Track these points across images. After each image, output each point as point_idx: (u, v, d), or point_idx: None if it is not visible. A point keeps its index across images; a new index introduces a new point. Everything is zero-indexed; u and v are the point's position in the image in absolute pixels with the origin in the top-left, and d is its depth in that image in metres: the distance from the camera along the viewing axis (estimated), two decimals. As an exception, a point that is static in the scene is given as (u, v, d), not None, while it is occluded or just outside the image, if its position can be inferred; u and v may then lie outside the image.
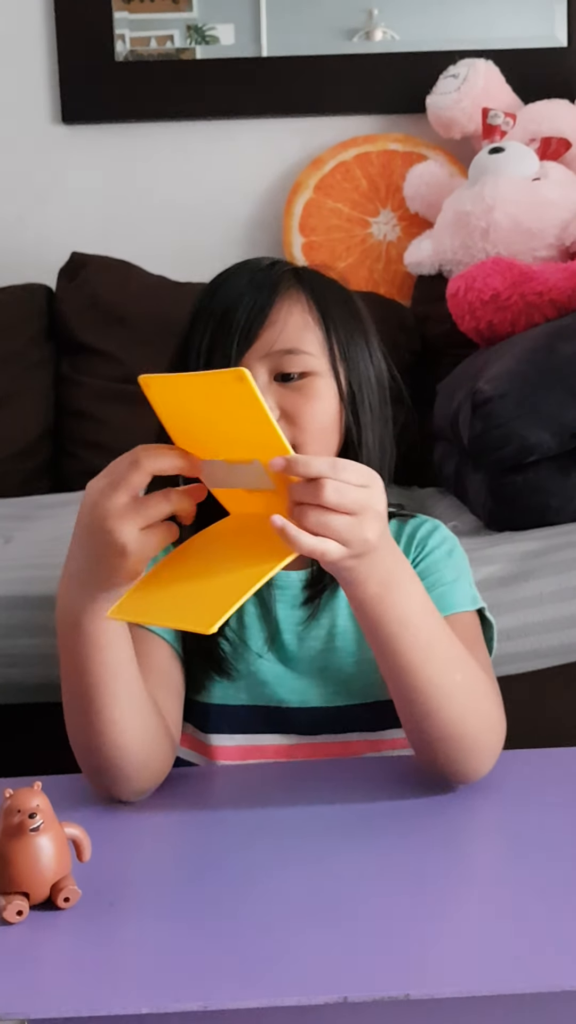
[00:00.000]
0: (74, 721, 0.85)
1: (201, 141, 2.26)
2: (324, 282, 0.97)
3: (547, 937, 0.66)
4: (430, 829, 0.82)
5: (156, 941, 0.68)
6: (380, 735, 0.98)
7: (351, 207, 2.21)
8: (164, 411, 0.77)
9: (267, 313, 0.90)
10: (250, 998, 0.61)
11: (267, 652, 0.97)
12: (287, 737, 0.97)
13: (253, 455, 0.74)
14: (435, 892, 0.73)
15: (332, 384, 0.92)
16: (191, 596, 0.75)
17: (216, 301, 0.92)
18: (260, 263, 0.96)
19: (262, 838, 0.81)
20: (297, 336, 0.91)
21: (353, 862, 0.77)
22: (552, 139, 2.06)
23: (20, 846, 0.69)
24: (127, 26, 2.22)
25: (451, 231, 2.02)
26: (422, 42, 2.22)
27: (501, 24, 2.22)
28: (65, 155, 2.26)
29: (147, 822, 0.85)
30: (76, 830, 0.72)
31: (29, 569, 1.37)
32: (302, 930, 0.68)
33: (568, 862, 0.76)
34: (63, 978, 0.66)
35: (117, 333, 2.04)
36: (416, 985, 0.62)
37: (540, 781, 0.89)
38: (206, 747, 0.98)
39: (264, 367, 0.90)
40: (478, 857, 0.78)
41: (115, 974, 0.65)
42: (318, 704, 0.97)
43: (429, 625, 0.82)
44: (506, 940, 0.66)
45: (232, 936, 0.67)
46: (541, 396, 1.45)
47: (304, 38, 2.22)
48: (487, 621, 0.98)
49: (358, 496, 0.72)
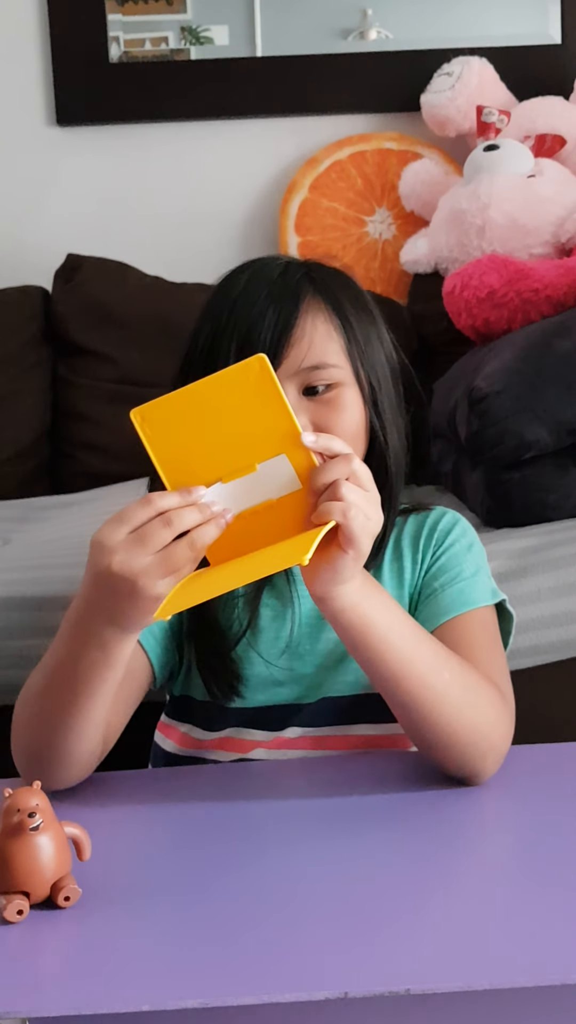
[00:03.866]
0: (44, 706, 0.85)
1: (196, 142, 2.26)
2: (336, 280, 0.96)
3: (548, 931, 0.66)
4: (430, 824, 0.82)
5: (156, 939, 0.68)
6: (386, 728, 0.98)
7: (347, 206, 2.22)
8: (162, 445, 0.77)
9: (292, 330, 0.90)
10: (250, 995, 0.61)
11: (279, 658, 0.96)
12: (295, 730, 0.97)
13: (275, 451, 0.75)
14: (435, 887, 0.73)
15: (356, 390, 0.93)
16: (245, 563, 0.76)
17: (236, 317, 0.91)
18: (271, 270, 0.94)
19: (262, 835, 0.81)
20: (323, 350, 0.91)
21: (353, 857, 0.77)
22: (547, 136, 2.06)
23: (20, 845, 0.69)
24: (121, 28, 2.22)
25: (447, 229, 2.02)
26: (416, 41, 2.21)
27: (495, 22, 2.22)
28: (60, 157, 2.26)
29: (147, 820, 0.85)
30: (76, 829, 0.73)
31: (27, 571, 1.37)
32: (302, 926, 0.68)
33: (568, 856, 0.76)
34: (63, 977, 0.66)
35: (114, 334, 2.04)
36: (417, 980, 0.62)
37: (539, 776, 0.89)
38: (203, 742, 0.98)
39: (293, 384, 0.90)
40: (478, 851, 0.78)
41: (115, 972, 0.65)
42: (332, 694, 0.97)
43: (409, 628, 0.85)
44: (507, 934, 0.66)
45: (232, 933, 0.67)
46: (538, 393, 1.45)
47: (298, 38, 2.22)
48: (506, 612, 0.98)
49: (371, 485, 0.78)
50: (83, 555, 0.79)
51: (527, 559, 1.35)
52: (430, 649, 0.86)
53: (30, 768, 0.87)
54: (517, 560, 1.35)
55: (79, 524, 1.63)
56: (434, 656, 0.85)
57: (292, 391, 0.89)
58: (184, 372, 0.93)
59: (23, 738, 0.88)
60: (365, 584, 0.82)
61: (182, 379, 0.93)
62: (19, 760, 0.88)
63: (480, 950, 0.65)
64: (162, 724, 1.03)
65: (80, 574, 0.80)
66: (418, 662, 0.84)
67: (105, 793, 0.89)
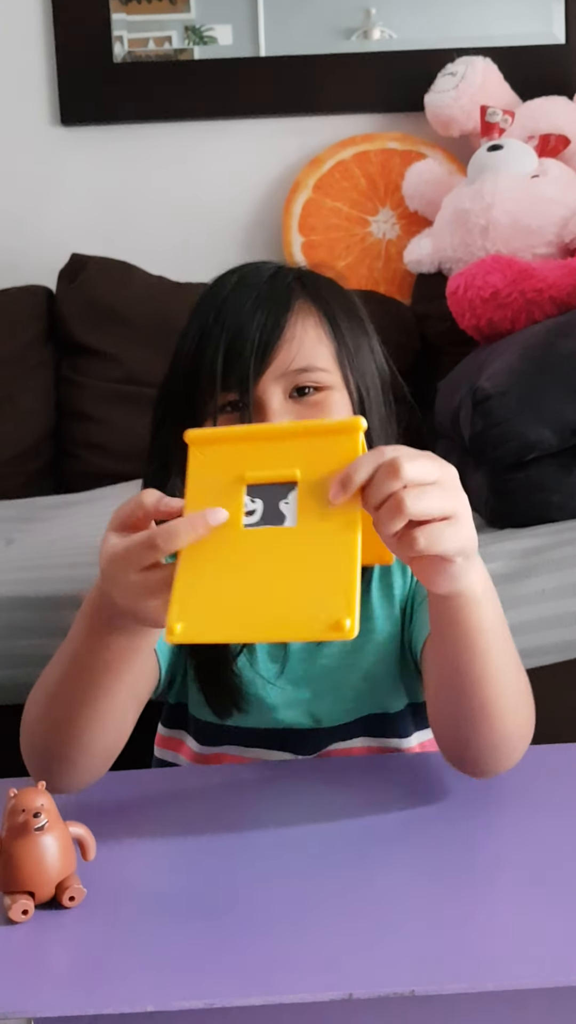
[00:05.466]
0: (59, 700, 0.82)
1: (200, 141, 2.26)
2: (328, 288, 0.95)
3: (553, 933, 0.66)
4: (433, 825, 0.81)
5: (161, 939, 0.68)
6: (382, 742, 0.98)
7: (350, 206, 2.21)
8: (204, 469, 0.71)
9: (281, 332, 0.88)
10: (255, 996, 0.61)
11: (278, 678, 0.95)
12: (292, 754, 0.97)
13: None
14: (439, 888, 0.73)
15: (345, 396, 0.91)
16: (273, 596, 0.67)
17: (224, 320, 0.89)
18: (261, 273, 0.93)
19: (266, 836, 0.81)
20: (312, 353, 0.89)
21: (357, 858, 0.77)
22: (551, 136, 2.06)
23: (25, 845, 0.69)
24: (125, 27, 2.22)
25: (450, 229, 2.02)
26: (420, 41, 2.21)
27: (499, 22, 2.21)
28: (64, 157, 2.26)
29: (151, 820, 0.85)
30: (81, 829, 0.72)
31: (31, 571, 1.37)
32: (307, 927, 0.68)
33: (572, 857, 0.75)
34: (68, 977, 0.66)
35: (117, 334, 2.04)
36: (421, 981, 0.62)
37: (544, 777, 0.89)
38: (205, 757, 0.98)
39: (279, 386, 0.88)
40: (482, 852, 0.78)
41: (120, 972, 0.65)
42: (327, 724, 0.96)
43: (504, 633, 0.79)
44: (512, 936, 0.66)
45: (237, 934, 0.67)
46: (541, 393, 1.45)
47: (302, 38, 2.22)
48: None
49: (433, 471, 0.70)
50: (86, 555, 0.79)
51: (531, 559, 1.35)
52: (513, 655, 0.80)
53: (41, 769, 0.84)
54: (521, 560, 1.35)
55: (82, 524, 1.63)
56: (514, 660, 0.80)
57: (278, 393, 0.88)
58: (172, 372, 0.92)
59: (34, 737, 0.85)
60: (485, 579, 0.75)
61: (171, 381, 0.93)
62: (30, 760, 0.85)
63: (485, 951, 0.65)
64: (160, 737, 1.03)
65: (83, 574, 0.80)
66: (503, 668, 0.78)
67: (110, 793, 0.89)
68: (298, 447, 0.70)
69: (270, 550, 0.68)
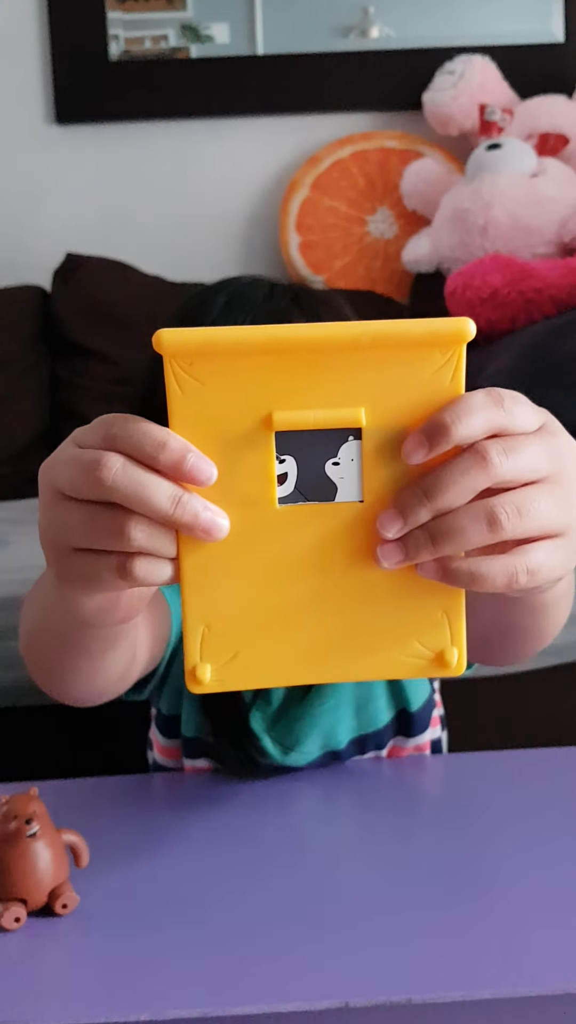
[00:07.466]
0: (47, 649, 0.69)
1: (196, 140, 2.26)
2: (323, 306, 0.89)
3: (551, 940, 0.66)
4: (431, 832, 0.81)
5: (155, 948, 0.67)
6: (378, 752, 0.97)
7: (348, 205, 2.21)
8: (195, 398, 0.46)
9: None
10: (250, 1004, 0.61)
11: (267, 732, 0.92)
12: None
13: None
14: (437, 896, 0.72)
15: None
16: (332, 614, 0.48)
17: None
18: (254, 292, 0.87)
19: (262, 842, 0.80)
20: None
21: (353, 866, 0.76)
22: (550, 135, 2.05)
23: (17, 853, 0.68)
24: (121, 26, 2.21)
25: (449, 228, 2.02)
26: (418, 39, 2.21)
27: (498, 20, 2.21)
28: (60, 156, 2.26)
29: (146, 827, 0.84)
30: (74, 836, 0.72)
31: (26, 572, 1.36)
32: (302, 935, 0.67)
33: (571, 864, 0.75)
34: (61, 985, 0.65)
35: (113, 334, 2.03)
36: (418, 990, 0.61)
37: (544, 782, 0.89)
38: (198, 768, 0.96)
39: None
40: (480, 859, 0.78)
41: (114, 981, 0.64)
42: (319, 754, 0.93)
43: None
44: (509, 943, 0.66)
45: (231, 942, 0.67)
46: (540, 394, 1.43)
47: (299, 36, 2.21)
48: None
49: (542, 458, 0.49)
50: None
51: (529, 561, 1.34)
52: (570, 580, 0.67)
53: (48, 688, 0.74)
54: (519, 562, 1.34)
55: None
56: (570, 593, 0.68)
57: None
58: (148, 386, 0.83)
59: (36, 664, 0.73)
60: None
61: (148, 395, 0.81)
62: (36, 678, 0.75)
63: (482, 959, 0.64)
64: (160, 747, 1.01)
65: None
66: (561, 601, 0.66)
67: (103, 799, 0.88)
68: (359, 369, 0.46)
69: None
